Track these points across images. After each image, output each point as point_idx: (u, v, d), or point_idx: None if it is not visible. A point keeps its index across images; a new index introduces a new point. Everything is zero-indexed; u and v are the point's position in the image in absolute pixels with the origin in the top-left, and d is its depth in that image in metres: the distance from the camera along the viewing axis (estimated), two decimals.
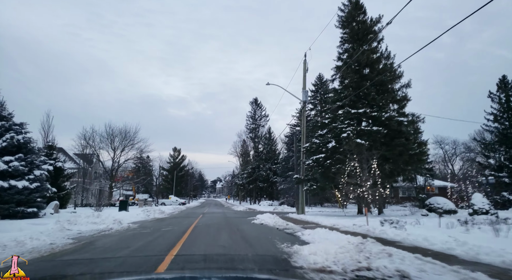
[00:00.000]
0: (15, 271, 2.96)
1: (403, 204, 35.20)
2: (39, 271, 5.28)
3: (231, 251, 7.13)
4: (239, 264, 5.68)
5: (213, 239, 9.44)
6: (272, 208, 35.85)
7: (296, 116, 48.07)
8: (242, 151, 78.42)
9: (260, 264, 5.68)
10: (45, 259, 6.41)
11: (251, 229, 13.04)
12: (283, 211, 30.68)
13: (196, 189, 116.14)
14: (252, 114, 58.68)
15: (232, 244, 8.32)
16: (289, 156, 49.86)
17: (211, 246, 8.03)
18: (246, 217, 21.53)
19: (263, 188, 54.64)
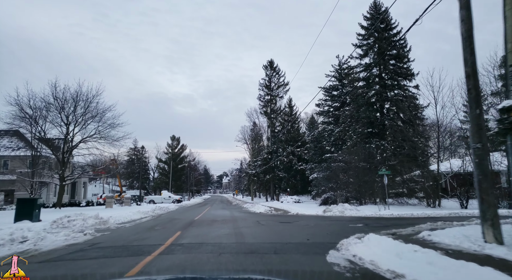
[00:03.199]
0: (15, 271, 3.07)
1: None
2: None
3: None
4: None
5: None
6: (317, 209, 24.12)
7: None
8: (253, 135, 66.93)
9: None
10: None
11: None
12: (383, 215, 18.87)
13: (199, 183, 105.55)
14: (267, 83, 47.00)
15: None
16: (322, 133, 38.06)
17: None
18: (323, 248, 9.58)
19: (283, 179, 43.08)
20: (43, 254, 7.09)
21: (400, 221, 14.44)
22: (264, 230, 11.13)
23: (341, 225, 12.64)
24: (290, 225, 12.75)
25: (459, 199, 22.91)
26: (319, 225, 12.46)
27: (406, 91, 28.59)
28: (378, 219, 15.83)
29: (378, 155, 26.20)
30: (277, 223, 13.89)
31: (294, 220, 15.58)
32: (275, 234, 10.09)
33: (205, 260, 5.96)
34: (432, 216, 16.95)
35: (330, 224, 12.88)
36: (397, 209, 20.56)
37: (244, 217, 17.98)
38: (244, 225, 12.74)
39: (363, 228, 11.04)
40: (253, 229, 11.34)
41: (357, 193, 24.44)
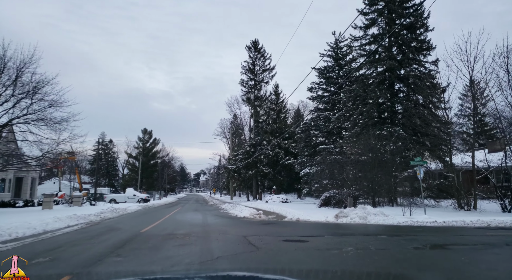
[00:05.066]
0: (15, 271, 3.00)
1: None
2: None
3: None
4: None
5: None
6: (320, 212, 18.43)
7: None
8: (233, 128, 60.86)
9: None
10: None
11: None
12: (428, 224, 13.10)
13: (174, 181, 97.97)
14: (250, 66, 40.91)
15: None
16: (316, 121, 32.47)
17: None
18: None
19: (268, 175, 37.18)
20: None
21: (483, 237, 8.79)
22: (273, 268, 5.06)
23: (406, 247, 6.80)
24: (314, 251, 6.76)
25: (501, 200, 17.75)
26: (368, 250, 6.56)
27: (423, 68, 23.34)
28: (438, 231, 10.14)
29: (391, 143, 20.76)
30: (280, 242, 7.86)
31: (303, 233, 9.62)
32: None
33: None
34: (506, 226, 11.49)
35: (382, 246, 7.01)
36: (432, 213, 15.04)
37: (222, 226, 11.83)
38: (223, 250, 6.66)
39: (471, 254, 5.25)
40: (247, 265, 5.28)
41: (370, 191, 18.88)
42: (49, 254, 6.29)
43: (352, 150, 22.10)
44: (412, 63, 23.48)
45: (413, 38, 23.66)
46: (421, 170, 14.28)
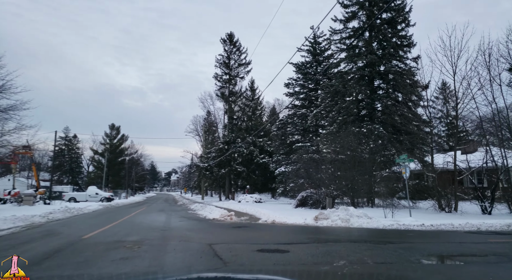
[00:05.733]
0: (15, 271, 2.98)
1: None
2: None
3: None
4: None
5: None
6: (297, 213, 17.14)
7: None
8: (206, 125, 58.87)
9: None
10: None
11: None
12: (416, 227, 11.82)
13: (143, 180, 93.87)
14: (225, 60, 39.07)
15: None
16: (292, 118, 31.32)
17: None
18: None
19: (242, 174, 35.57)
20: None
21: (487, 245, 7.67)
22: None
23: (410, 260, 5.44)
24: (298, 267, 5.24)
25: (481, 201, 17.16)
26: (366, 265, 5.13)
27: (404, 65, 22.62)
28: (430, 236, 8.98)
29: (371, 141, 19.81)
30: (254, 253, 6.26)
31: (281, 240, 8.12)
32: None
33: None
34: (497, 230, 10.58)
35: (380, 258, 5.62)
36: (416, 215, 14.04)
37: (186, 231, 10.11)
38: (179, 267, 5.02)
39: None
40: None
41: (349, 191, 17.75)
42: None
43: (330, 147, 20.98)
44: (393, 59, 22.72)
45: (394, 33, 22.92)
46: (407, 168, 13.23)
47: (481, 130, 20.53)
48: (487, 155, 17.62)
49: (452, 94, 38.98)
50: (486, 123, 20.73)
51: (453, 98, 25.73)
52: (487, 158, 17.52)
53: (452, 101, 37.45)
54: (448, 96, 44.23)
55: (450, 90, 38.09)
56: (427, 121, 20.81)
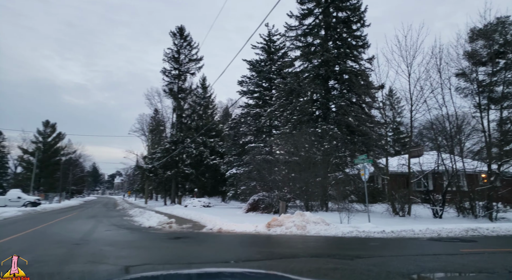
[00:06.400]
0: (15, 271, 2.96)
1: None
2: None
3: None
4: None
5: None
6: (248, 220, 15.56)
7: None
8: (153, 124, 55.37)
9: None
10: None
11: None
12: (377, 234, 10.39)
13: (82, 182, 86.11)
14: (175, 54, 36.53)
15: None
16: (246, 117, 29.90)
17: None
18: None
19: (190, 176, 33.26)
20: None
21: (463, 257, 6.68)
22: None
23: None
24: None
25: (433, 205, 17.01)
26: None
27: (358, 65, 22.28)
28: (396, 246, 7.91)
29: (326, 142, 18.97)
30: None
31: (226, 257, 6.40)
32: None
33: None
34: (457, 236, 9.93)
35: None
36: (373, 220, 13.19)
37: (106, 246, 7.93)
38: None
39: None
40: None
41: (303, 194, 16.61)
42: None
43: (284, 148, 19.82)
44: (348, 60, 22.28)
45: (349, 33, 22.52)
46: (366, 170, 12.32)
47: (421, 136, 20.89)
48: (438, 158, 17.60)
49: (399, 100, 40.26)
50: (427, 130, 21.08)
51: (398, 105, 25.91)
52: (438, 162, 17.50)
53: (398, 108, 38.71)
54: (394, 103, 45.99)
55: (396, 97, 39.40)
56: (382, 123, 20.54)
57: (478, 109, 18.83)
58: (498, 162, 17.11)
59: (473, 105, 19.43)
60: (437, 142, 18.64)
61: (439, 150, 17.91)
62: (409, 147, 18.56)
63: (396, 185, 17.83)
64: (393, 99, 51.45)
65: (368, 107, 21.98)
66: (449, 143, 18.56)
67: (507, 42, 18.34)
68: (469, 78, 19.15)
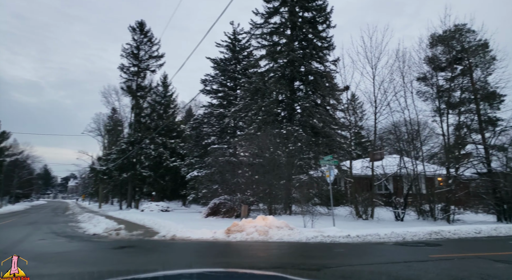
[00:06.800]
0: (15, 271, 2.95)
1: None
2: None
3: None
4: None
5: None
6: (207, 225, 14.62)
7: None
8: (111, 124, 52.54)
9: None
10: None
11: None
12: (342, 239, 9.55)
13: (30, 185, 79.65)
14: (134, 50, 34.61)
15: None
16: (209, 118, 28.85)
17: None
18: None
19: (148, 179, 31.52)
20: None
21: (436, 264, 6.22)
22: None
23: None
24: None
25: (394, 208, 17.04)
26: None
27: (324, 67, 22.12)
28: (364, 252, 7.37)
29: (290, 144, 18.48)
30: None
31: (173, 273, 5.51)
32: None
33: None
34: (422, 240, 9.67)
35: None
36: (337, 224, 12.75)
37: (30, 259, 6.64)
38: None
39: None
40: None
41: (267, 197, 15.90)
42: None
43: (248, 149, 19.06)
44: (313, 61, 22.06)
45: (315, 34, 22.34)
46: (332, 171, 11.86)
47: (382, 140, 21.12)
48: (400, 161, 17.72)
49: (361, 105, 41.00)
50: (388, 133, 21.36)
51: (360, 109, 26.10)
52: (401, 165, 17.61)
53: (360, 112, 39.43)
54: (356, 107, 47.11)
55: (358, 102, 40.23)
56: (346, 125, 20.46)
57: (437, 113, 19.33)
58: (456, 165, 17.54)
59: (433, 110, 19.95)
60: (399, 145, 18.80)
61: (401, 153, 18.05)
62: (372, 149, 18.54)
63: (360, 188, 17.71)
64: (355, 104, 52.89)
65: (333, 109, 21.86)
66: (410, 146, 18.84)
67: (464, 49, 18.96)
68: (429, 83, 19.61)
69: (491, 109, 19.76)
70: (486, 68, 19.03)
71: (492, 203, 17.45)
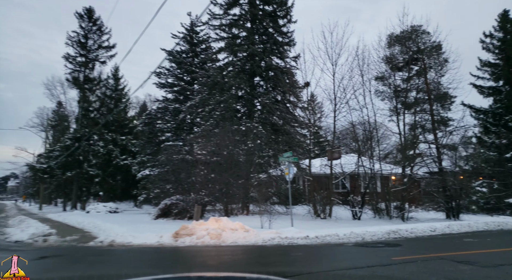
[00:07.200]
0: (15, 271, 2.93)
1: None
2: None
3: None
4: None
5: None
6: (155, 227, 13.41)
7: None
8: (56, 119, 48.64)
9: None
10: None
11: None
12: (300, 241, 8.59)
13: None
14: (81, 39, 31.85)
15: None
16: (163, 113, 27.31)
17: None
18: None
19: (96, 178, 29.20)
20: None
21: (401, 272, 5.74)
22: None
23: None
24: None
25: (352, 206, 16.94)
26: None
27: (284, 63, 21.64)
28: (323, 256, 6.76)
29: (250, 141, 17.75)
30: None
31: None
32: None
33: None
34: (381, 240, 9.37)
35: None
36: (296, 224, 12.20)
37: None
38: None
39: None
40: None
41: (223, 197, 14.99)
42: None
43: (205, 146, 18.03)
44: (273, 56, 21.52)
45: (276, 28, 21.81)
46: (291, 168, 11.27)
47: (339, 139, 21.23)
48: (358, 160, 17.69)
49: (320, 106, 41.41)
50: (346, 132, 21.51)
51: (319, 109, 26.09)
52: (358, 163, 17.58)
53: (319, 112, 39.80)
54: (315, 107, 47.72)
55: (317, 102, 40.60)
56: (306, 123, 20.15)
57: (394, 113, 19.65)
58: (411, 163, 17.87)
59: (390, 109, 20.27)
60: (357, 144, 18.82)
61: (359, 152, 18.05)
62: (332, 147, 18.34)
63: (318, 186, 17.44)
64: (314, 104, 53.58)
65: (293, 106, 21.49)
66: (366, 146, 18.94)
67: (420, 50, 19.43)
68: (387, 82, 19.89)
69: (443, 110, 20.52)
70: (440, 69, 19.70)
71: (442, 201, 18.02)
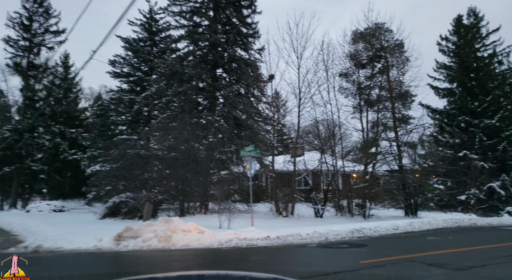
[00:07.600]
0: (15, 271, 2.93)
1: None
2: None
3: None
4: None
5: None
6: (98, 229, 11.98)
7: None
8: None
9: None
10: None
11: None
12: (260, 243, 7.53)
13: None
14: (25, 20, 28.82)
15: None
16: (117, 104, 25.44)
17: None
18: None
19: (41, 174, 26.64)
20: None
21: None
22: None
23: None
24: None
25: (314, 204, 16.57)
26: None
27: (248, 55, 20.84)
28: (286, 261, 6.02)
29: (210, 135, 16.75)
30: None
31: None
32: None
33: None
34: (346, 239, 8.89)
35: None
36: (256, 223, 11.47)
37: None
38: None
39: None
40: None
41: (179, 194, 13.89)
42: None
43: (162, 140, 16.80)
44: (237, 47, 20.65)
45: (240, 18, 20.94)
46: (253, 164, 10.51)
47: (302, 137, 20.96)
48: (322, 157, 17.37)
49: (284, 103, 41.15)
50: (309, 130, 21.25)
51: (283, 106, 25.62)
52: (322, 160, 17.25)
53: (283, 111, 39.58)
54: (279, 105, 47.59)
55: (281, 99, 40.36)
56: (269, 118, 19.53)
57: (357, 110, 19.59)
58: (373, 161, 17.85)
59: (353, 106, 20.21)
60: (320, 140, 18.51)
61: (322, 149, 17.74)
62: (295, 143, 17.88)
63: (281, 183, 16.91)
64: (278, 101, 53.40)
65: (257, 101, 20.78)
66: (328, 143, 18.70)
67: (383, 48, 19.52)
68: (351, 79, 19.79)
69: (404, 108, 20.83)
70: (402, 68, 19.93)
71: (402, 198, 18.23)
